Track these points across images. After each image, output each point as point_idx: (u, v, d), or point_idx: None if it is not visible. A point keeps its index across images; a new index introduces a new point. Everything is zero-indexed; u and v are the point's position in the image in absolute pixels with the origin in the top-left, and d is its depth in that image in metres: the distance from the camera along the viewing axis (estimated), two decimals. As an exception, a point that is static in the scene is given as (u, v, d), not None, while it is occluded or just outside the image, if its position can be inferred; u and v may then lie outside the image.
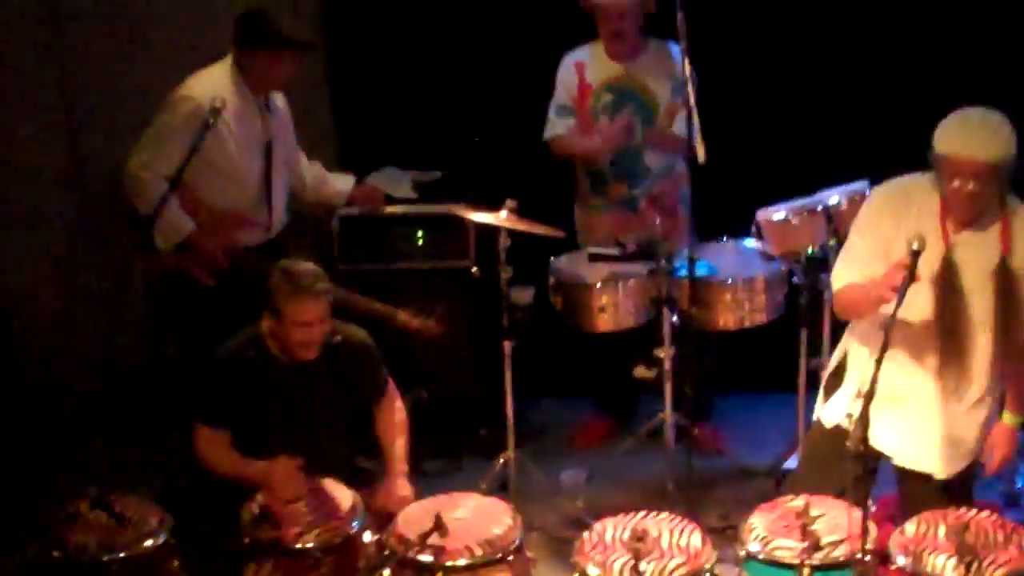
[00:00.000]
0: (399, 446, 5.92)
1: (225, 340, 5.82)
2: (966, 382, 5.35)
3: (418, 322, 6.44)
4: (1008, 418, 5.34)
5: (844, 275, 5.43)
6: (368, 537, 5.34)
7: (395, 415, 6.00)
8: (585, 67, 7.06)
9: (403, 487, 5.76)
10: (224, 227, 6.47)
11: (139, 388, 7.36)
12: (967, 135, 5.10)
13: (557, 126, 7.14)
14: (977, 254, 5.23)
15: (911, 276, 4.97)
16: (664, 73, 6.95)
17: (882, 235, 5.31)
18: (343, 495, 5.48)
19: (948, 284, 5.21)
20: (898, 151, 5.32)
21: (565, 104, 7.12)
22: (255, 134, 6.49)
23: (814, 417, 5.69)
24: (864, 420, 4.65)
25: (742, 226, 6.83)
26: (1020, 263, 5.20)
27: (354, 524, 5.34)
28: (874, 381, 4.70)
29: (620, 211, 7.05)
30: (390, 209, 7.37)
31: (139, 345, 7.19)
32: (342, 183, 7.08)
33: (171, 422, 6.42)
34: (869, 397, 4.68)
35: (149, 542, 5.16)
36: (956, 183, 5.12)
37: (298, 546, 5.23)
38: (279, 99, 6.66)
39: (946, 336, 5.28)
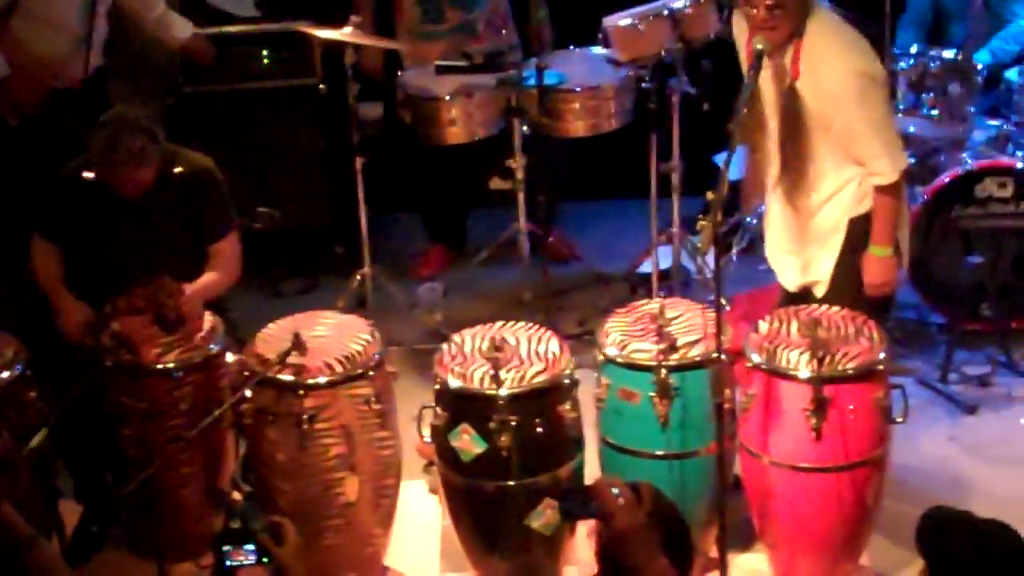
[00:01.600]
0: (205, 279, 5.62)
1: (33, 174, 5.78)
2: (776, 198, 5.42)
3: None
4: (873, 249, 5.28)
5: None
6: (230, 357, 5.33)
7: (227, 261, 5.75)
8: None
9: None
10: (38, 73, 6.38)
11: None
12: None
13: None
14: (774, 77, 5.23)
15: (756, 74, 5.01)
16: None
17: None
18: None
19: (752, 109, 5.22)
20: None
21: None
22: None
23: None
24: (714, 218, 4.67)
25: (589, 34, 6.81)
26: (804, 87, 5.16)
27: (214, 345, 5.34)
28: (722, 183, 4.71)
29: (458, 37, 6.95)
30: (234, 28, 7.25)
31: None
32: (181, 32, 6.88)
33: (9, 252, 6.34)
34: (718, 199, 4.70)
35: (5, 374, 5.07)
36: (752, 10, 5.11)
37: (159, 366, 5.22)
38: None
39: (754, 157, 5.35)
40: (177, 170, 5.61)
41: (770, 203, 5.51)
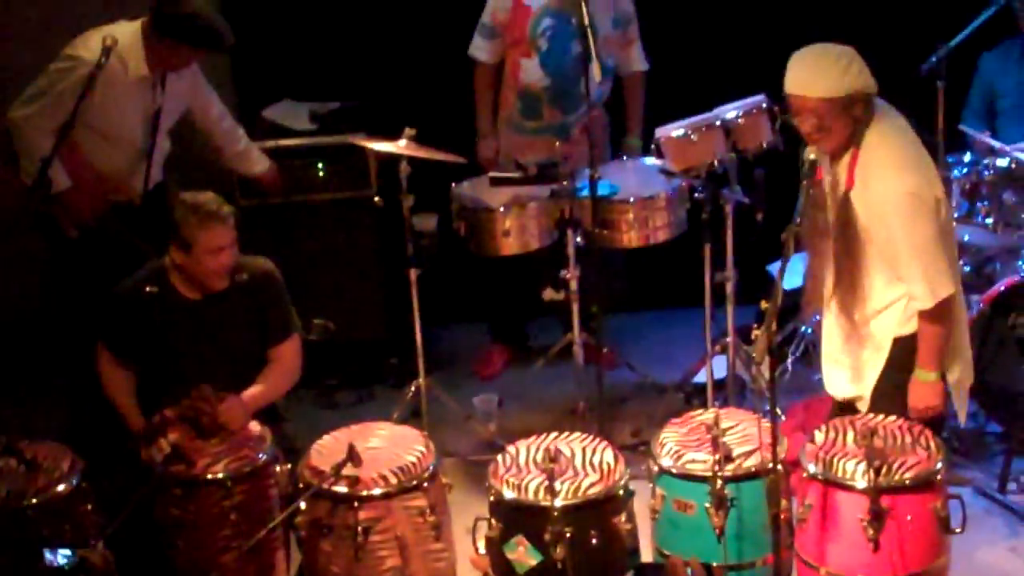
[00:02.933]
0: (261, 386, 5.72)
1: (92, 286, 5.90)
2: (831, 306, 5.40)
3: None
4: (917, 373, 5.21)
5: None
6: (279, 468, 5.35)
7: (287, 365, 5.86)
8: None
9: (236, 401, 5.57)
10: (98, 187, 6.45)
11: (34, 329, 7.30)
12: (797, 72, 5.07)
13: (477, 48, 7.12)
14: (832, 185, 5.22)
15: (811, 184, 5.01)
16: (606, 2, 6.93)
17: None
18: (251, 426, 5.49)
19: (810, 217, 5.20)
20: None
21: (486, 23, 7.06)
22: (141, 103, 6.44)
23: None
24: (769, 328, 4.67)
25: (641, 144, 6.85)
26: (857, 198, 5.13)
27: (262, 454, 5.35)
28: (776, 292, 4.71)
29: (553, 137, 6.99)
30: (290, 142, 7.33)
31: (32, 286, 7.14)
32: (259, 166, 7.05)
33: (67, 363, 6.39)
34: (773, 308, 4.69)
35: (62, 487, 5.11)
36: (798, 120, 5.12)
37: (208, 476, 5.23)
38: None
39: (813, 264, 5.34)
40: (242, 277, 5.71)
41: (825, 312, 5.49)
